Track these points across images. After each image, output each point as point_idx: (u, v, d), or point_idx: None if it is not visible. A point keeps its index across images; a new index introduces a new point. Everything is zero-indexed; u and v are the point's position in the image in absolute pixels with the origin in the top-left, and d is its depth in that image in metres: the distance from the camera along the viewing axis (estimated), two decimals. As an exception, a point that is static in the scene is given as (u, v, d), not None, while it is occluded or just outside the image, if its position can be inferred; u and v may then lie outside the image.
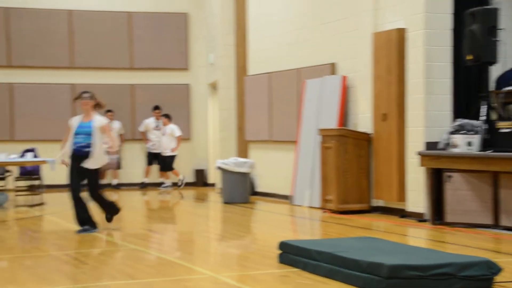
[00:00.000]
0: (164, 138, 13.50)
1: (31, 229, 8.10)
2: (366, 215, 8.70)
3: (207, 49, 14.00)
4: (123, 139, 13.77)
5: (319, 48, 10.13)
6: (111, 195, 12.66)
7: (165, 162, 13.55)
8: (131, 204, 11.31)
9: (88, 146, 7.36)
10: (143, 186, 13.81)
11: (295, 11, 10.75)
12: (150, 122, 13.72)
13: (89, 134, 7.37)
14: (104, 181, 13.49)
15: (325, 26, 10.00)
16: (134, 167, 14.11)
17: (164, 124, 13.52)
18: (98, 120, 7.51)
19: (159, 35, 14.16)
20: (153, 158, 13.74)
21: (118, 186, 13.71)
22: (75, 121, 7.50)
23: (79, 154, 7.33)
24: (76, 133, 7.39)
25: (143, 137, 13.88)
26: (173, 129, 13.46)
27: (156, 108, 13.74)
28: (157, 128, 13.65)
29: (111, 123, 13.46)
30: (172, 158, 13.50)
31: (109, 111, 13.52)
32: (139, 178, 14.03)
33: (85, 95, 7.59)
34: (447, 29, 7.99)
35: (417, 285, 4.34)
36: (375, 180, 8.85)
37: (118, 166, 13.66)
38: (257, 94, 11.61)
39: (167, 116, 13.58)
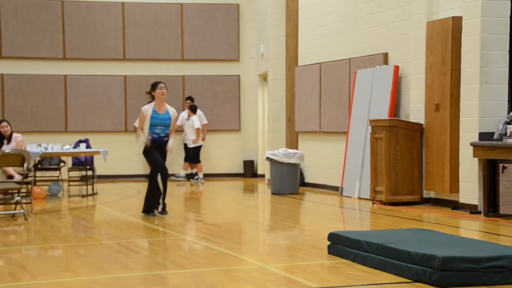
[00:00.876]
0: (188, 130, 13.55)
1: (84, 219, 8.30)
2: (417, 206, 8.56)
3: (258, 40, 14.00)
4: (207, 129, 13.87)
5: (371, 38, 9.99)
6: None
7: (188, 154, 13.59)
8: (176, 194, 11.45)
9: (167, 136, 7.70)
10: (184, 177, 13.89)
11: (346, 1, 10.63)
12: (184, 113, 13.77)
13: (167, 126, 7.66)
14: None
15: (377, 15, 9.84)
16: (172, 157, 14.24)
17: (189, 116, 13.51)
18: (172, 111, 7.75)
19: (210, 27, 14.24)
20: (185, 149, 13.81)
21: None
22: (149, 110, 7.61)
23: (159, 143, 7.63)
24: (154, 124, 7.60)
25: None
26: (193, 120, 13.41)
27: (188, 98, 13.67)
28: (188, 119, 13.70)
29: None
30: (195, 150, 13.46)
31: (188, 98, 13.63)
32: (171, 169, 14.14)
33: (162, 84, 7.71)
34: (505, 16, 7.75)
35: (470, 277, 4.25)
36: (426, 171, 8.69)
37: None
38: (307, 85, 11.55)
39: (191, 107, 13.51)
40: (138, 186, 12.62)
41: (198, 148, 13.56)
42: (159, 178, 7.73)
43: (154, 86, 7.74)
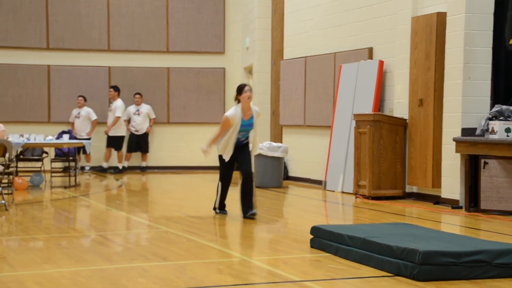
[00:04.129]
0: (137, 119, 13.56)
1: (66, 210, 8.25)
2: (400, 201, 8.62)
3: (243, 33, 13.97)
4: (154, 122, 13.85)
5: (356, 33, 10.01)
6: (140, 178, 12.81)
7: (139, 144, 13.68)
8: (163, 186, 11.42)
9: (247, 139, 7.35)
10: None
11: (332, -6, 10.63)
12: (132, 107, 13.65)
13: (249, 131, 7.26)
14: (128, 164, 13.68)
15: (363, 10, 9.86)
16: (162, 150, 14.22)
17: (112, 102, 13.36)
18: (255, 111, 7.25)
19: (196, 19, 14.19)
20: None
21: (145, 169, 13.85)
22: (237, 119, 7.09)
23: (239, 145, 7.31)
24: (241, 130, 7.18)
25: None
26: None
27: (112, 87, 13.50)
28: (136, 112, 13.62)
29: (138, 107, 13.61)
30: (116, 138, 13.37)
31: (138, 93, 13.62)
32: (167, 161, 14.15)
33: (247, 87, 7.16)
34: (489, 13, 7.79)
35: (450, 272, 4.29)
36: (409, 166, 8.75)
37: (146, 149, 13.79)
38: (292, 79, 11.56)
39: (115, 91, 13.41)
40: (120, 178, 12.56)
41: (119, 137, 13.38)
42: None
43: (240, 90, 7.17)
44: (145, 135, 13.72)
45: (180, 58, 14.22)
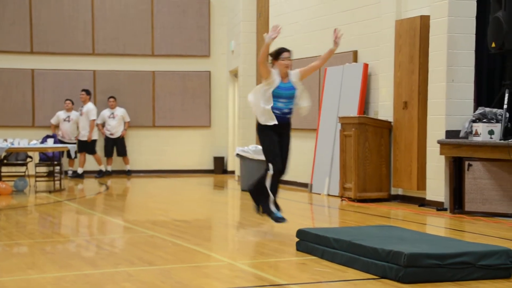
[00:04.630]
0: (113, 122, 13.55)
1: (51, 215, 8.19)
2: (385, 203, 8.65)
3: (229, 36, 13.98)
4: (128, 126, 13.81)
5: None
6: (125, 182, 12.76)
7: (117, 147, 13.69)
8: (149, 190, 11.38)
9: (290, 112, 6.04)
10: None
11: (316, -2, 10.67)
12: (106, 111, 13.63)
13: (291, 98, 5.98)
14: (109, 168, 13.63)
15: (347, 13, 9.91)
16: (147, 153, 14.18)
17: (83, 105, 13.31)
18: (295, 74, 6.12)
19: (181, 22, 14.17)
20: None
21: (130, 173, 13.80)
22: (276, 76, 5.96)
23: (281, 123, 5.98)
24: (276, 96, 5.94)
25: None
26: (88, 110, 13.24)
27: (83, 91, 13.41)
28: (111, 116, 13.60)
29: (113, 110, 13.56)
30: (88, 143, 13.28)
31: (112, 97, 13.59)
32: (152, 164, 14.11)
33: (287, 54, 6.06)
34: (471, 16, 7.86)
35: (435, 274, 4.32)
36: (394, 169, 8.79)
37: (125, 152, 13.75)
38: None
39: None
40: (104, 182, 12.50)
41: (92, 142, 13.30)
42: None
43: (277, 54, 6.06)
44: (121, 139, 13.68)
45: (165, 61, 14.20)
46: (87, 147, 13.29)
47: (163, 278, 4.55)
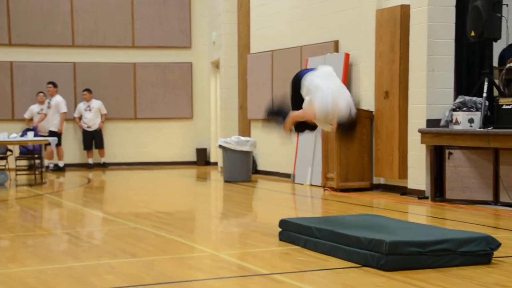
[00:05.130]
0: (90, 115, 13.47)
1: (32, 209, 8.13)
2: (367, 192, 8.70)
3: (210, 27, 13.92)
4: (105, 118, 13.72)
5: (322, 26, 10.06)
6: (106, 174, 12.69)
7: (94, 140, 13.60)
8: (131, 183, 11.33)
9: None
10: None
11: (297, -12, 10.65)
12: (82, 104, 13.55)
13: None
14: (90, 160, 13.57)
15: (328, 3, 9.90)
16: (129, 146, 14.12)
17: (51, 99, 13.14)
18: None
19: (162, 13, 14.08)
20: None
21: (106, 165, 13.73)
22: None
23: None
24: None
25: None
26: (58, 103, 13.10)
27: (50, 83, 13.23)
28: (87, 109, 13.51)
29: (89, 103, 13.46)
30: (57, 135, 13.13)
31: (86, 90, 13.48)
32: (134, 157, 14.06)
33: None
34: (451, 5, 7.90)
35: (416, 261, 4.35)
36: (376, 158, 8.84)
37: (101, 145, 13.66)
38: (259, 72, 11.56)
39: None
40: (87, 175, 12.43)
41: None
42: None
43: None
44: (99, 131, 13.60)
45: (146, 53, 14.11)
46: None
47: (146, 270, 4.54)
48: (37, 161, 10.93)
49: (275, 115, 5.48)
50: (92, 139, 13.58)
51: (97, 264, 4.75)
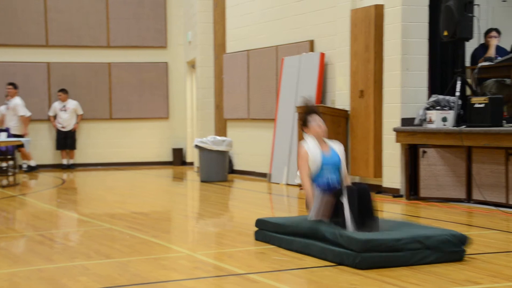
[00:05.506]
0: (63, 115, 13.35)
1: (5, 210, 8.02)
2: (344, 191, 8.73)
3: (186, 27, 13.87)
4: (81, 119, 13.61)
5: (297, 25, 10.08)
6: (73, 175, 12.58)
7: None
8: (106, 183, 11.25)
9: (339, 182, 5.14)
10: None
11: (272, -13, 10.67)
12: (57, 104, 13.43)
13: (337, 167, 5.13)
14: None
15: (303, 3, 9.93)
16: (105, 146, 14.02)
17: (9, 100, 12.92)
18: (339, 148, 5.24)
19: (137, 13, 13.99)
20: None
21: (73, 166, 13.61)
22: (313, 150, 5.04)
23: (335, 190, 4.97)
24: (324, 169, 5.06)
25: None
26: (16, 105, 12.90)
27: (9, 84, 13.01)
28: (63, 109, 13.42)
29: (64, 103, 13.34)
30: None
31: (61, 90, 13.35)
32: (110, 157, 13.96)
33: (315, 117, 5.13)
34: (424, 5, 7.97)
35: (391, 259, 4.37)
36: (352, 157, 8.88)
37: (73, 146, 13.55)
38: (235, 72, 11.55)
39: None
40: (61, 176, 12.31)
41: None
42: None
43: (305, 120, 5.17)
44: (73, 132, 13.49)
45: (122, 53, 14.01)
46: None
47: (120, 271, 4.50)
48: (10, 162, 10.79)
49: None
50: (65, 140, 13.44)
51: (70, 266, 4.70)
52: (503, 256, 4.80)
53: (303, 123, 5.22)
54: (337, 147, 5.24)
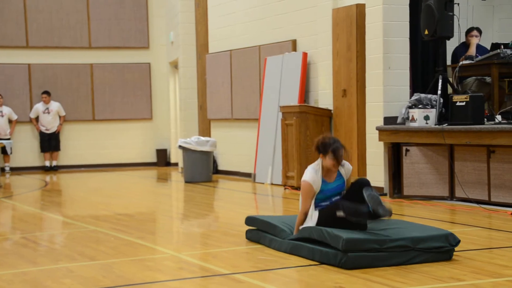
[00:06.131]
0: (46, 119, 13.28)
1: (-11, 213, 7.96)
2: (328, 190, 8.76)
3: (168, 27, 13.83)
4: (64, 120, 13.53)
5: (280, 25, 10.10)
6: (57, 177, 12.50)
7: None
8: (91, 185, 11.18)
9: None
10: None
11: (254, -13, 10.67)
12: (39, 105, 13.34)
13: (340, 194, 4.98)
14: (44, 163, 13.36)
15: (285, 2, 9.96)
16: (88, 148, 13.94)
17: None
18: (346, 170, 5.05)
19: (118, 13, 13.93)
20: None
21: (56, 168, 13.53)
22: (317, 181, 4.85)
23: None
24: (322, 199, 4.91)
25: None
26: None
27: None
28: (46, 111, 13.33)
29: (47, 105, 13.24)
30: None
31: (45, 92, 13.25)
32: (94, 159, 13.89)
33: (341, 151, 4.82)
34: (405, 4, 8.03)
35: (377, 259, 4.37)
36: (336, 156, 8.91)
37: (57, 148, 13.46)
38: (218, 72, 11.54)
39: None
40: (44, 178, 12.22)
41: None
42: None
43: (325, 147, 4.84)
44: (57, 134, 13.40)
45: (104, 54, 13.94)
46: None
47: (104, 272, 4.49)
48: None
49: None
50: (49, 141, 13.35)
51: (54, 268, 4.67)
52: (486, 253, 4.85)
53: (322, 151, 4.84)
54: (345, 171, 5.01)
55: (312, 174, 4.84)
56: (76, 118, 13.77)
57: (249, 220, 5.44)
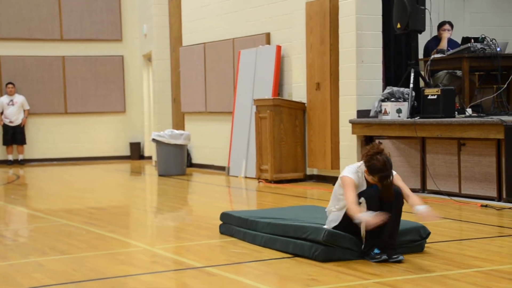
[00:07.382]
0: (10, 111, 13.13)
1: (-42, 208, 7.82)
2: (301, 183, 8.81)
3: (141, 19, 13.71)
4: (28, 113, 13.35)
5: (254, 18, 10.08)
6: (13, 171, 12.34)
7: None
8: (63, 179, 11.07)
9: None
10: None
11: (228, -20, 10.63)
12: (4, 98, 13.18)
13: None
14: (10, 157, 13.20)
15: (259, -5, 9.94)
16: (60, 141, 13.79)
17: None
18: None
19: (90, 5, 13.77)
20: None
21: (23, 162, 13.36)
22: (358, 181, 4.52)
23: None
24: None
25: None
26: None
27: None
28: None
29: (12, 97, 13.07)
30: None
31: (10, 83, 13.07)
32: (67, 152, 13.75)
33: (389, 179, 4.50)
34: (378, -3, 8.07)
35: (349, 251, 4.38)
36: (309, 149, 8.96)
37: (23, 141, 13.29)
38: (192, 65, 11.49)
39: None
40: (15, 172, 12.06)
41: None
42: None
43: (373, 172, 4.44)
44: (21, 127, 13.23)
45: (76, 46, 13.77)
46: None
47: (76, 266, 4.44)
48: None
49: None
50: (13, 135, 13.16)
51: (24, 263, 4.61)
52: (456, 244, 4.92)
53: (370, 171, 4.44)
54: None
55: (353, 174, 4.51)
56: (48, 111, 13.60)
57: (224, 216, 5.42)
